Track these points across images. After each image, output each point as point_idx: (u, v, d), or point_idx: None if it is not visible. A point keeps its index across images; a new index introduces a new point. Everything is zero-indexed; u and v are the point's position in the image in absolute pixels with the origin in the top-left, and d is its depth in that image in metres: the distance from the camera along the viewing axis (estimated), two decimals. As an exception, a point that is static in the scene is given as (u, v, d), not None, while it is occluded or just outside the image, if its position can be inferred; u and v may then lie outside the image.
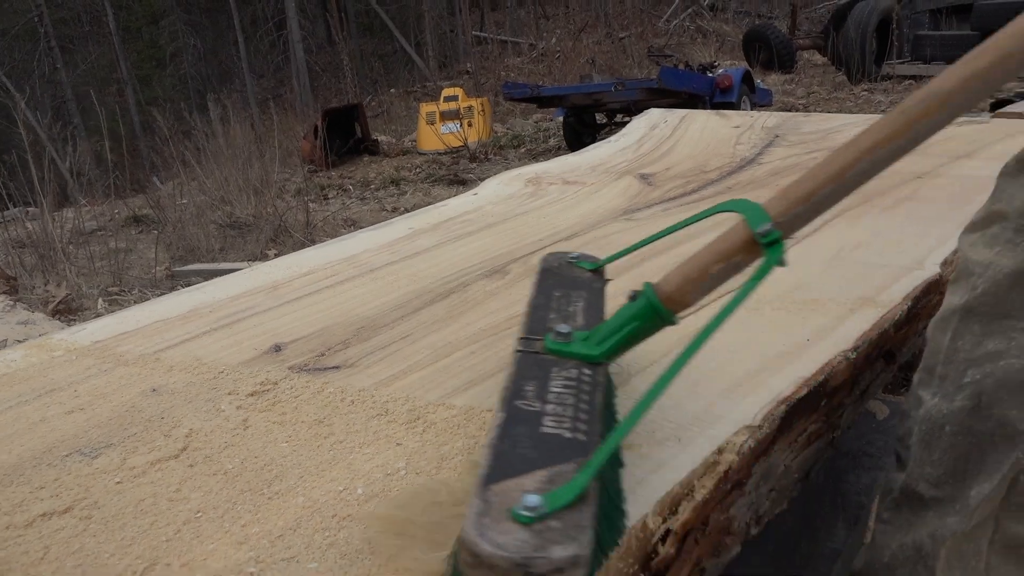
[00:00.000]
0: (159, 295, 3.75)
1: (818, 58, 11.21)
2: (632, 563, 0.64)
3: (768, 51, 10.17)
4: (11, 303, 3.65)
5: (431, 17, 21.97)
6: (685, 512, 0.67)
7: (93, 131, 19.84)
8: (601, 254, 1.19)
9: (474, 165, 6.83)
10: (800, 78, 10.13)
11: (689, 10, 20.43)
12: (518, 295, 1.13)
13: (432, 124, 8.29)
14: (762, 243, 0.63)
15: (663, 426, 0.76)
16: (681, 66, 6.69)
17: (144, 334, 1.10)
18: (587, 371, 0.66)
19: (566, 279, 0.85)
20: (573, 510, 0.48)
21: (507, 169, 2.04)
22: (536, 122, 9.70)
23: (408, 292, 1.18)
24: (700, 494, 0.69)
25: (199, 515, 0.67)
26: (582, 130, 6.62)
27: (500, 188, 1.78)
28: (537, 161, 6.87)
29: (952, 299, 0.86)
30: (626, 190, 1.69)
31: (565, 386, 0.63)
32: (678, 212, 1.51)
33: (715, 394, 0.81)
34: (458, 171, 6.55)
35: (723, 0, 21.82)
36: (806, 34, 11.73)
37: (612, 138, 2.24)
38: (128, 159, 7.27)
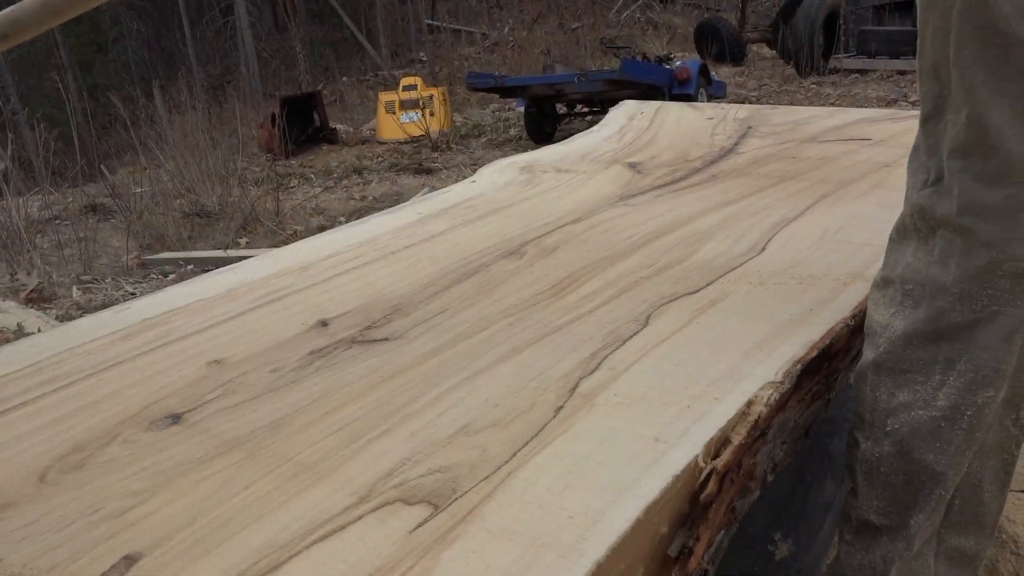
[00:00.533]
0: (133, 283, 3.74)
1: (766, 51, 11.50)
2: (685, 497, 0.74)
3: (719, 44, 10.40)
4: (-23, 293, 3.60)
5: (382, 5, 21.79)
6: (725, 455, 0.77)
7: (45, 118, 19.20)
8: (603, 240, 1.30)
9: (436, 154, 6.88)
10: (750, 71, 10.39)
11: (639, 1, 20.69)
12: (539, 274, 1.22)
13: (392, 113, 8.30)
14: None
15: (697, 382, 0.86)
16: (639, 58, 6.84)
17: (187, 313, 1.17)
18: None
19: None
20: None
21: (468, 159, 2.12)
22: (493, 112, 9.77)
23: (433, 272, 1.26)
24: (736, 440, 0.79)
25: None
26: (543, 120, 6.72)
27: (496, 176, 1.87)
28: (500, 150, 6.95)
29: (866, 353, 0.96)
30: (617, 178, 1.79)
31: None
32: (671, 198, 1.62)
33: (737, 357, 0.92)
34: (421, 160, 6.60)
35: (673, -8, 22.12)
36: (754, 27, 12.02)
37: (595, 128, 2.34)
38: (75, 147, 7.12)
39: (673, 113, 2.45)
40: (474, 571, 0.60)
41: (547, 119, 6.77)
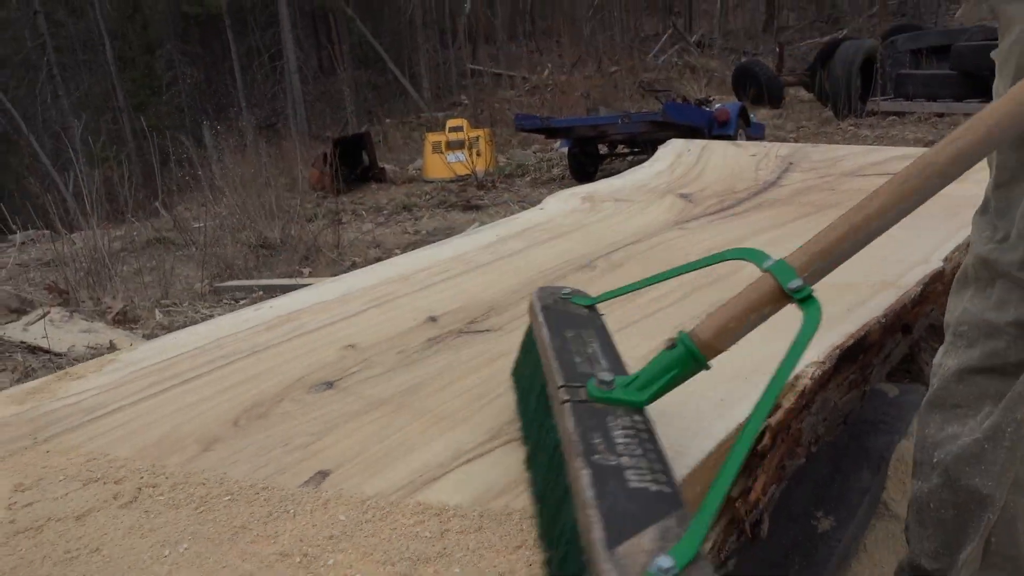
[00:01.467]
0: (208, 307, 4.01)
1: (804, 94, 11.69)
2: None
3: (757, 87, 10.61)
4: (68, 314, 3.90)
5: (425, 49, 22.51)
6: (778, 415, 0.96)
7: (91, 158, 20.09)
8: (663, 258, 1.50)
9: (482, 192, 7.15)
10: (788, 113, 10.57)
11: (676, 46, 21.08)
12: (610, 283, 1.42)
13: (439, 153, 8.62)
14: (795, 298, 0.72)
15: (748, 362, 1.04)
16: (679, 100, 7.09)
17: (311, 312, 1.38)
18: (637, 417, 0.68)
19: (571, 317, 0.87)
20: (697, 566, 0.48)
21: (515, 196, 2.32)
22: (534, 152, 10.06)
23: (516, 282, 1.47)
24: (786, 404, 0.97)
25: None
26: (586, 160, 6.97)
27: (561, 204, 2.08)
28: (544, 188, 7.20)
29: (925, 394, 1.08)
30: (671, 207, 1.99)
31: (626, 435, 0.64)
32: (721, 224, 1.81)
33: (785, 343, 1.10)
34: (469, 198, 6.88)
35: (709, 37, 22.53)
36: (790, 71, 12.24)
37: (646, 164, 2.55)
38: (133, 184, 7.50)
39: (719, 150, 2.65)
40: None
41: (589, 159, 7.02)
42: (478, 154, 8.10)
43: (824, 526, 1.33)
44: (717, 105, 6.91)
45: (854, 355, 1.15)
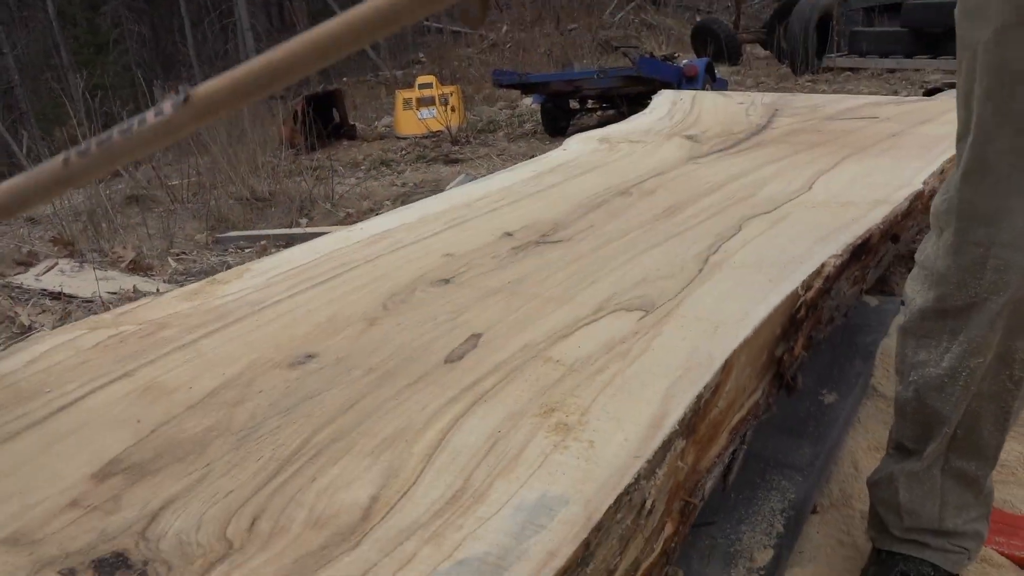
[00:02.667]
0: (216, 255, 4.16)
1: (760, 51, 12.00)
2: (787, 316, 1.20)
3: (716, 44, 10.86)
4: (77, 264, 4.02)
5: (381, 7, 22.14)
6: (810, 293, 1.23)
7: (39, 117, 19.53)
8: (686, 185, 1.76)
9: (457, 148, 7.32)
10: (746, 70, 10.87)
11: (632, 4, 21.22)
12: (648, 206, 1.68)
13: (410, 109, 8.72)
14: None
15: (787, 255, 1.32)
16: (649, 56, 7.33)
17: (400, 231, 1.61)
18: None
19: None
20: None
21: (493, 150, 2.55)
22: (500, 109, 10.21)
23: (568, 207, 1.71)
24: (816, 284, 1.25)
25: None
26: (559, 115, 7.18)
27: (582, 145, 2.32)
28: (521, 143, 7.40)
29: (899, 318, 1.26)
30: (681, 146, 2.25)
31: None
32: (729, 158, 2.08)
33: (810, 243, 1.37)
34: (446, 153, 7.05)
35: (665, -6, 22.68)
36: (746, 29, 12.53)
37: (646, 111, 2.80)
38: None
39: (708, 99, 2.91)
40: (673, 349, 1.04)
41: (562, 114, 7.23)
42: (452, 109, 8.24)
43: (829, 400, 1.62)
44: (685, 61, 7.17)
45: (859, 255, 1.43)
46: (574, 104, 7.36)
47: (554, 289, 1.25)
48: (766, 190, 1.73)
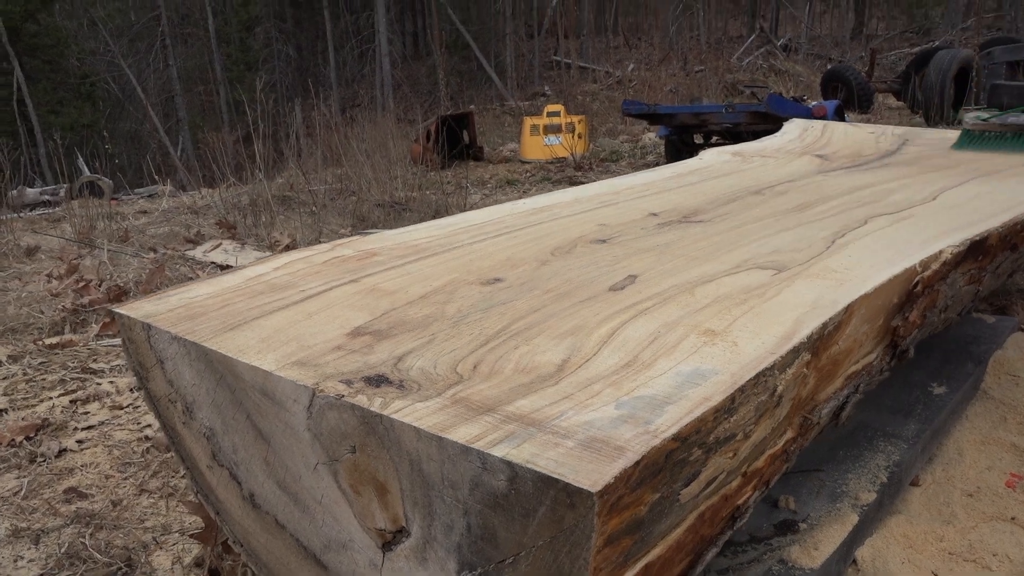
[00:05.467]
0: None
1: (892, 101, 11.80)
2: (903, 288, 1.36)
3: (847, 91, 10.76)
4: (239, 245, 4.50)
5: (512, 39, 23.03)
6: (927, 272, 1.40)
7: (192, 125, 21.25)
8: (815, 192, 1.93)
9: (580, 173, 7.61)
10: (877, 118, 10.71)
11: (762, 49, 21.16)
12: (780, 203, 1.86)
13: (536, 135, 9.10)
14: None
15: (911, 243, 1.48)
16: (776, 94, 7.42)
17: (559, 207, 1.86)
18: None
19: None
20: None
21: (617, 176, 2.75)
22: (623, 142, 10.46)
23: (705, 199, 1.92)
24: (933, 266, 1.41)
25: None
26: (682, 149, 7.36)
27: (715, 157, 2.53)
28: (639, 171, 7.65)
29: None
30: (810, 162, 2.42)
31: None
32: (856, 174, 2.23)
33: (930, 235, 1.53)
34: (569, 176, 7.36)
35: (795, 41, 22.50)
36: (880, 79, 12.35)
37: (777, 135, 2.97)
38: (267, 147, 8.14)
39: (840, 127, 3.06)
40: (802, 294, 1.23)
41: (686, 148, 7.40)
42: (579, 136, 8.56)
43: (938, 391, 1.75)
44: (814, 103, 7.22)
45: (976, 251, 1.57)
46: (698, 139, 7.52)
47: (697, 252, 1.46)
48: (892, 198, 1.89)
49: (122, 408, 2.20)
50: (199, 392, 1.12)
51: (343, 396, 0.91)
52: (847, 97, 10.85)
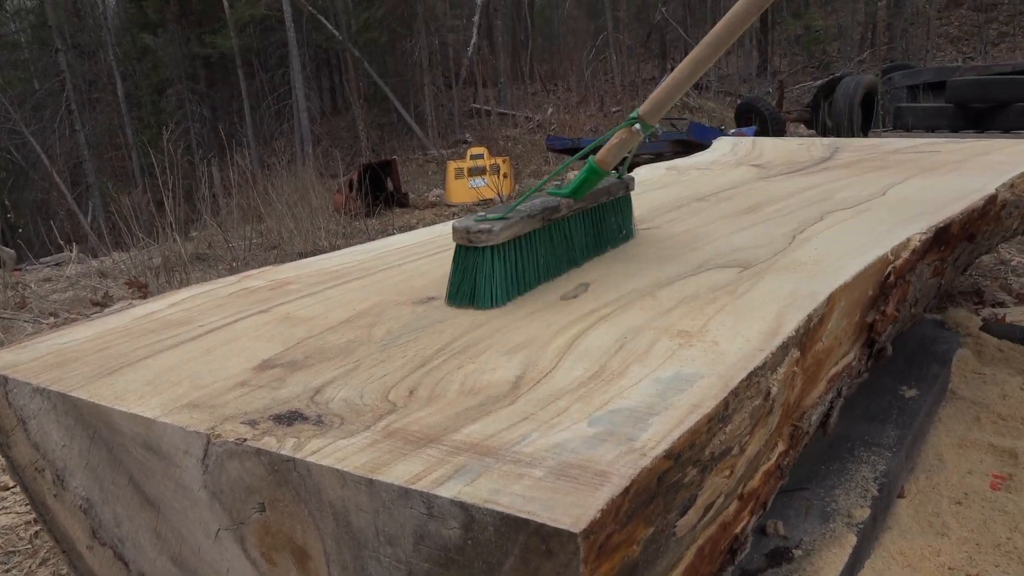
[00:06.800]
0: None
1: (803, 129, 12.21)
2: (877, 278, 1.25)
3: (760, 121, 11.07)
4: (151, 304, 4.19)
5: (431, 90, 23.14)
6: (899, 260, 1.29)
7: (103, 190, 20.48)
8: (756, 197, 1.83)
9: (507, 213, 7.54)
10: (791, 145, 11.04)
11: (674, 88, 21.77)
12: (729, 206, 1.75)
13: (461, 179, 9.01)
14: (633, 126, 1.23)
15: (875, 232, 1.37)
16: (696, 123, 7.55)
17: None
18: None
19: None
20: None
21: None
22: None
23: (649, 208, 1.80)
24: (903, 255, 1.30)
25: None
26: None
27: (652, 172, 2.42)
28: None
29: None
30: (748, 171, 2.34)
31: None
32: (795, 178, 2.15)
33: (893, 224, 1.43)
34: (497, 216, 7.28)
35: (706, 80, 23.30)
36: (788, 109, 12.79)
37: (707, 151, 2.90)
38: (178, 204, 7.81)
39: (769, 141, 3.01)
40: (776, 287, 1.10)
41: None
42: (504, 176, 8.50)
43: (909, 394, 1.64)
44: (733, 130, 7.36)
45: (940, 240, 1.48)
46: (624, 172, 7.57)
47: (652, 257, 1.32)
48: (840, 195, 1.80)
49: (7, 488, 1.91)
50: (70, 455, 0.90)
51: (246, 440, 0.72)
52: (760, 127, 11.15)
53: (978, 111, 8.39)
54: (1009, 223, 2.04)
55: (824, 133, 10.66)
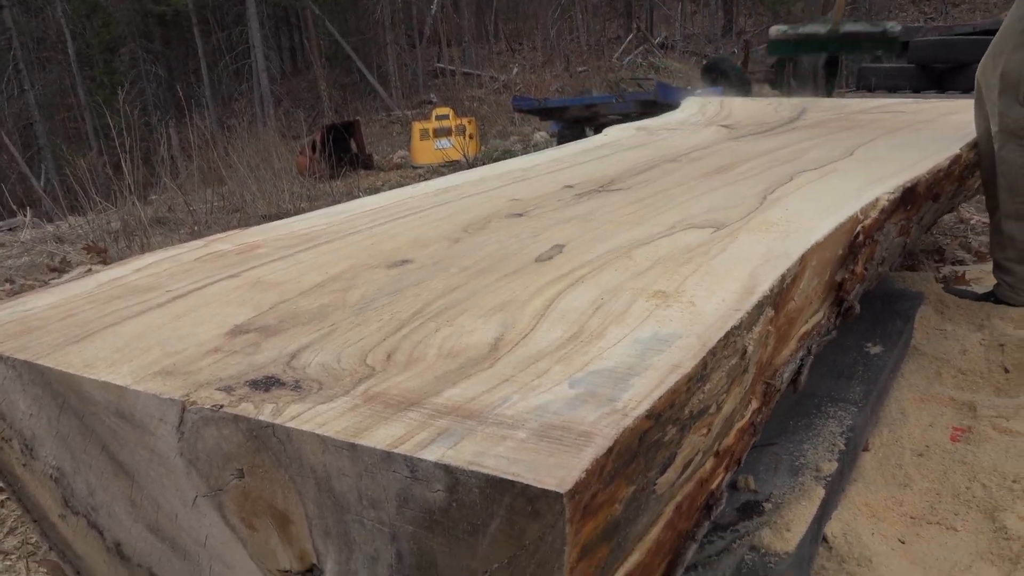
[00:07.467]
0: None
1: (768, 90, 12.25)
2: (847, 238, 1.26)
3: (726, 82, 11.06)
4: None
5: (394, 49, 22.71)
6: (868, 220, 1.30)
7: (56, 152, 19.89)
8: (729, 157, 1.84)
9: (474, 174, 7.49)
10: (755, 106, 11.08)
11: (640, 48, 21.68)
12: (700, 166, 1.76)
13: (426, 140, 8.90)
14: None
15: (846, 192, 1.39)
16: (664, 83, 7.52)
17: (464, 187, 1.69)
18: None
19: None
20: None
21: None
22: (514, 142, 10.39)
23: (622, 168, 1.79)
24: (873, 214, 1.32)
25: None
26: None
27: (622, 132, 2.42)
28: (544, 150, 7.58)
29: None
30: (718, 131, 2.34)
31: None
32: (764, 139, 2.16)
33: (862, 184, 1.45)
34: (464, 178, 7.23)
35: (671, 40, 23.20)
36: (754, 70, 12.81)
37: (676, 111, 2.90)
38: (136, 166, 7.64)
39: (737, 101, 3.02)
40: (749, 248, 1.11)
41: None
42: (470, 137, 8.42)
43: (874, 351, 1.68)
44: (699, 90, 7.36)
45: (907, 200, 1.50)
46: (590, 132, 7.52)
47: (624, 218, 1.32)
48: (809, 155, 1.81)
49: (-29, 459, 1.88)
50: (38, 424, 0.88)
51: (222, 406, 0.71)
52: (726, 87, 11.16)
53: (940, 72, 8.48)
54: (971, 183, 2.07)
55: (789, 94, 10.72)
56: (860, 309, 1.39)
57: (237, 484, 0.72)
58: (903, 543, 1.26)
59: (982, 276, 2.50)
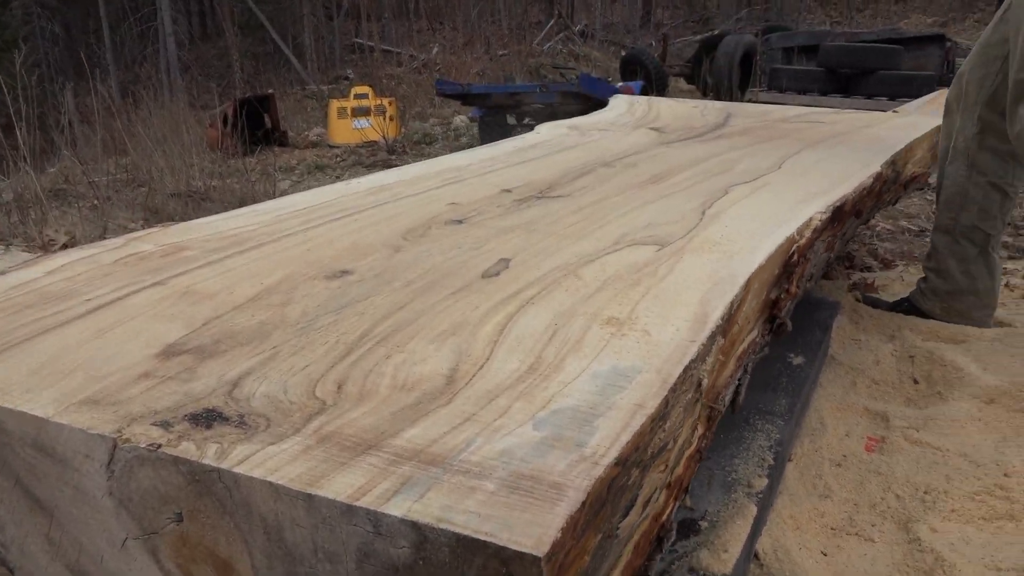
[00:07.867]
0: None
1: (684, 85, 12.51)
2: (783, 256, 1.29)
3: (645, 74, 11.24)
4: (3, 247, 3.84)
5: (310, 21, 22.06)
6: (802, 241, 1.33)
7: (-63, 112, 18.44)
8: (662, 163, 1.86)
9: (393, 157, 7.33)
10: (672, 100, 11.30)
11: (561, 34, 21.76)
12: (634, 174, 1.76)
13: (344, 118, 8.69)
14: None
15: (779, 211, 1.41)
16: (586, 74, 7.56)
17: (399, 186, 1.64)
18: None
19: None
20: None
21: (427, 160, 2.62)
22: (433, 125, 10.27)
23: (557, 172, 1.78)
24: (807, 234, 1.35)
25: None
26: (496, 130, 7.28)
27: (553, 131, 2.40)
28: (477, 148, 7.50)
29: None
30: (648, 134, 2.36)
31: None
32: (695, 145, 2.19)
33: (794, 203, 1.48)
34: (383, 161, 7.05)
35: (591, 28, 23.39)
36: (671, 64, 13.06)
37: (605, 110, 2.91)
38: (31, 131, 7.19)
39: (664, 102, 3.05)
40: (695, 269, 1.11)
41: (499, 129, 7.34)
42: (390, 119, 8.26)
43: (797, 361, 1.73)
44: (620, 83, 7.45)
45: (835, 218, 1.54)
46: (511, 119, 7.50)
47: (567, 230, 1.31)
48: (739, 166, 1.84)
49: None
50: (-60, 451, 0.80)
51: (160, 446, 0.65)
52: (644, 80, 11.33)
53: (846, 76, 8.84)
54: (887, 197, 2.16)
55: (705, 89, 10.96)
56: (792, 326, 1.43)
57: (174, 528, 0.67)
58: (825, 555, 1.31)
59: (888, 283, 2.62)
